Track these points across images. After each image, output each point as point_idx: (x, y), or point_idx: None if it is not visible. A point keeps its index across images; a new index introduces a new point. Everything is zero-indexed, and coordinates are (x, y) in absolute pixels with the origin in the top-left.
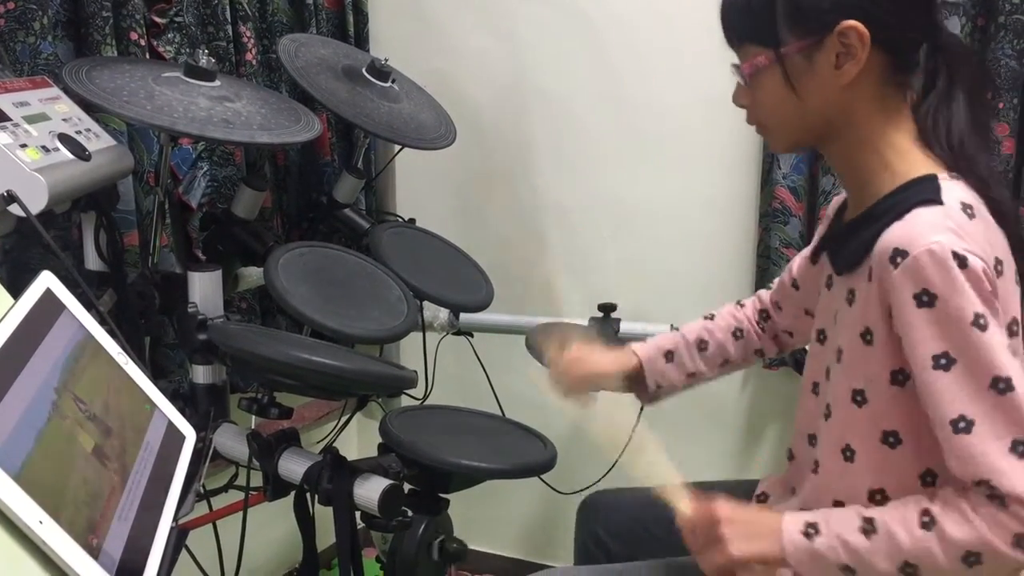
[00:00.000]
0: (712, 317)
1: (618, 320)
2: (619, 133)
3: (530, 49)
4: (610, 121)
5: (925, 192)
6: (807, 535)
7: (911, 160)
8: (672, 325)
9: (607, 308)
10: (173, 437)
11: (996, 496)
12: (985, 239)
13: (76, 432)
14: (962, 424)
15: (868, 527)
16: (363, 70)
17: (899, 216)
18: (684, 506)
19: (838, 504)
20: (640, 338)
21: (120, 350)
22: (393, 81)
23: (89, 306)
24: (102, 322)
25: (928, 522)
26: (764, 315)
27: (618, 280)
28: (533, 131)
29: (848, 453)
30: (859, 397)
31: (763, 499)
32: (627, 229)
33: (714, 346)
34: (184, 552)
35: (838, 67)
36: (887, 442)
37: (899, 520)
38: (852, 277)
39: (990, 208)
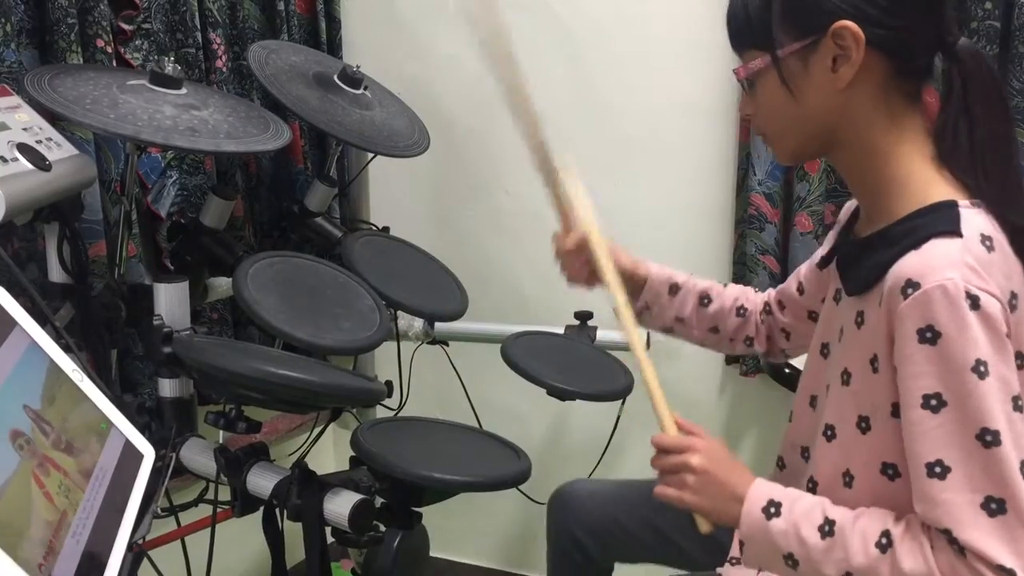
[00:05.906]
0: (726, 285)
1: (595, 328)
2: (594, 140)
3: None
4: (585, 128)
5: (944, 221)
6: (766, 514)
7: (928, 180)
8: (648, 334)
9: (583, 316)
10: (130, 456)
11: (956, 545)
12: (1003, 273)
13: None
14: (937, 469)
15: (827, 528)
16: (335, 77)
17: (915, 245)
18: (665, 425)
19: None
20: (617, 347)
21: (75, 366)
22: (365, 88)
23: (44, 321)
24: (58, 337)
25: (885, 544)
26: (767, 309)
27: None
28: (508, 138)
29: (847, 479)
30: (863, 424)
31: None
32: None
33: (715, 308)
34: (151, 570)
35: (834, 70)
36: (886, 473)
37: (858, 532)
38: (863, 299)
39: (1010, 238)
